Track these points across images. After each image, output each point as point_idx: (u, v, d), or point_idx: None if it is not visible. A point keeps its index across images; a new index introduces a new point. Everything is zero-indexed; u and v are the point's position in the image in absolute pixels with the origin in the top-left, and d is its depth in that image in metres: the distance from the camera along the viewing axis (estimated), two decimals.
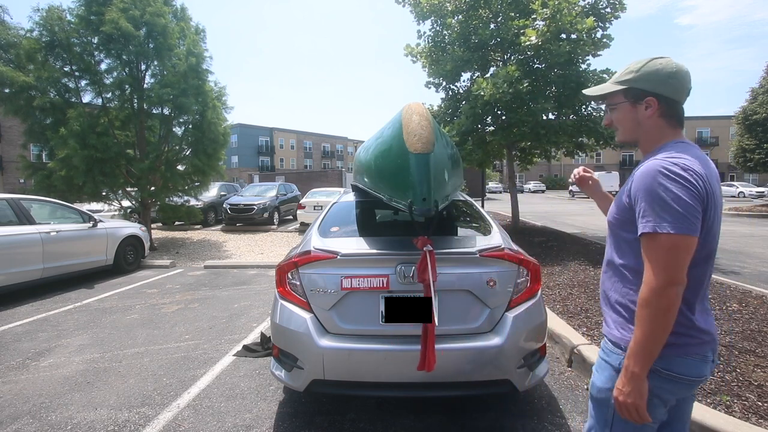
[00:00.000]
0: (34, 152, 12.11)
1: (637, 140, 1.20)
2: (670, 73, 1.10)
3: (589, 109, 7.76)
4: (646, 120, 1.14)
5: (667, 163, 1.01)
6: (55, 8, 7.65)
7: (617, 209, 1.17)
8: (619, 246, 1.18)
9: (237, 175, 42.61)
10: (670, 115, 1.13)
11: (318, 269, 2.21)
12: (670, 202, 0.96)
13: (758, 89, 18.44)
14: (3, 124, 25.08)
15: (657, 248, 0.98)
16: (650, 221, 0.98)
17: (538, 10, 6.74)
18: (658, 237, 0.97)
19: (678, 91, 1.11)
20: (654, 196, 0.99)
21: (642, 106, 1.13)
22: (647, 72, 1.12)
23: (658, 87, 1.11)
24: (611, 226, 1.22)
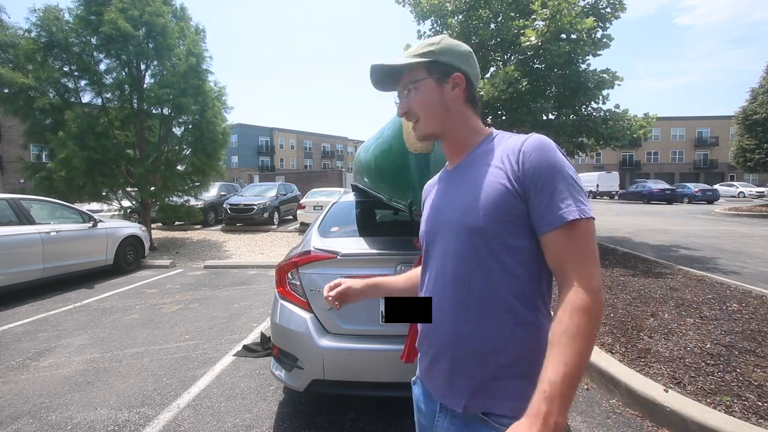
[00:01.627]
0: (33, 152, 12.11)
1: (445, 131, 0.93)
2: (469, 51, 0.93)
3: (589, 110, 7.76)
4: (453, 104, 0.90)
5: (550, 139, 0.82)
6: (51, 8, 7.64)
7: (492, 204, 0.80)
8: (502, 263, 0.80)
9: (237, 175, 42.59)
10: (473, 102, 0.93)
11: (318, 269, 2.21)
12: (578, 180, 0.79)
13: (758, 89, 18.42)
14: (3, 124, 25.07)
15: (584, 237, 0.75)
16: (571, 205, 0.75)
17: (538, 10, 6.74)
18: (582, 223, 0.74)
19: (476, 73, 0.94)
20: (564, 173, 0.77)
21: (449, 84, 0.90)
22: (449, 46, 0.91)
23: (463, 63, 0.91)
24: (479, 235, 0.81)
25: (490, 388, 0.82)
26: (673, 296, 4.29)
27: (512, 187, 0.79)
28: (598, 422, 2.34)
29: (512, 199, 0.79)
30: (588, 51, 7.02)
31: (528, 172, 0.78)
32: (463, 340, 0.84)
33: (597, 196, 30.00)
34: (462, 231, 0.84)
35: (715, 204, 23.23)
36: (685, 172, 47.79)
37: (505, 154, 0.83)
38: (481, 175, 0.84)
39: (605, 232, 10.45)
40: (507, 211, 0.79)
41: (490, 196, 0.81)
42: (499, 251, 0.80)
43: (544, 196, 0.77)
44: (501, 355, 0.81)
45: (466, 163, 0.91)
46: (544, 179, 0.77)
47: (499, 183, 0.80)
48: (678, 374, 2.63)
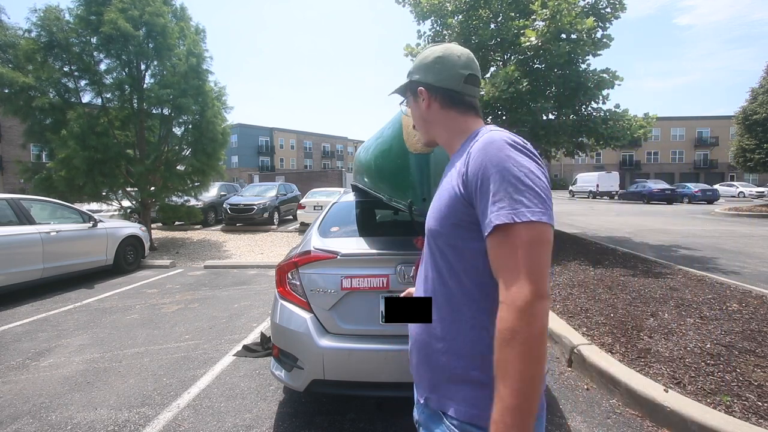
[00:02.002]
0: (33, 152, 12.11)
1: (434, 137, 0.99)
2: (437, 57, 0.94)
3: (589, 110, 7.77)
4: (429, 114, 0.97)
5: (507, 134, 0.78)
6: (52, 8, 7.64)
7: (446, 208, 0.81)
8: (453, 268, 0.81)
9: (237, 175, 42.59)
10: (454, 104, 0.93)
11: (318, 269, 2.21)
12: (525, 179, 0.70)
13: (758, 89, 18.42)
14: (3, 124, 25.06)
15: (515, 245, 0.68)
16: (504, 208, 0.69)
17: (538, 10, 6.74)
18: (515, 229, 0.68)
19: (447, 77, 0.92)
20: (504, 172, 0.71)
21: (420, 98, 0.97)
22: (418, 61, 0.98)
23: (426, 75, 0.95)
24: (435, 238, 0.85)
25: (442, 388, 0.83)
26: (673, 296, 4.29)
27: (460, 192, 0.79)
28: (598, 422, 2.34)
29: (461, 205, 0.79)
30: (588, 51, 7.03)
31: (470, 175, 0.76)
32: (423, 336, 0.90)
33: (597, 196, 29.99)
34: (428, 233, 0.90)
35: (715, 204, 23.23)
36: (685, 172, 47.79)
37: (462, 157, 0.82)
38: (446, 179, 0.88)
39: (605, 232, 10.45)
40: (458, 216, 0.80)
41: (445, 200, 0.83)
42: (452, 255, 0.82)
43: (483, 200, 0.73)
44: (452, 356, 0.82)
45: (452, 161, 0.94)
46: (482, 180, 0.73)
47: (453, 188, 0.81)
48: (678, 374, 2.63)
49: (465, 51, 0.96)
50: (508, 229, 0.69)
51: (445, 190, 0.85)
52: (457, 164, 0.84)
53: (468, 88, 0.94)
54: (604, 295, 4.37)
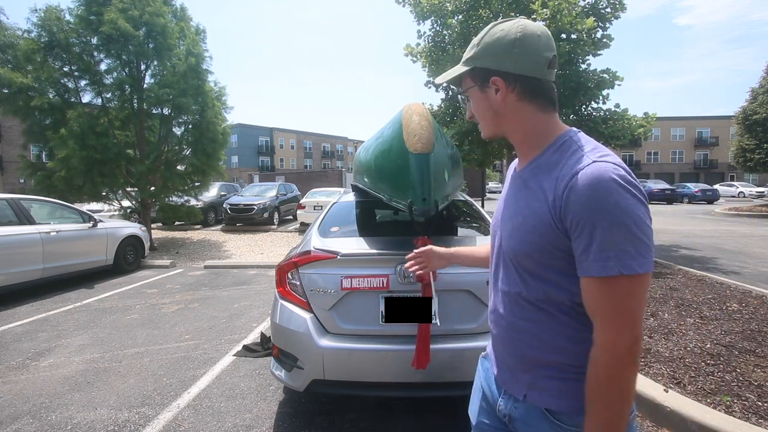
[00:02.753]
0: (33, 152, 12.11)
1: (503, 133, 0.90)
2: (514, 40, 0.80)
3: (589, 109, 7.77)
4: (502, 107, 0.84)
5: (614, 168, 0.71)
6: (53, 8, 7.65)
7: (535, 234, 0.79)
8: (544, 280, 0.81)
9: (237, 175, 42.58)
10: (533, 96, 0.83)
11: (318, 269, 2.21)
12: (635, 228, 0.68)
13: (758, 89, 18.44)
14: (3, 124, 25.08)
15: (618, 294, 0.68)
16: (611, 258, 0.68)
17: (538, 10, 6.74)
18: (621, 280, 0.68)
19: (529, 63, 0.81)
20: (614, 220, 0.68)
21: (491, 89, 0.84)
22: (487, 43, 0.83)
23: (501, 62, 0.82)
24: (521, 260, 0.84)
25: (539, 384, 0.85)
26: (673, 296, 4.29)
27: (554, 224, 0.76)
28: None
29: (556, 235, 0.76)
30: (588, 51, 7.03)
31: (571, 211, 0.72)
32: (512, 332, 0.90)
33: None
34: (510, 252, 0.86)
35: (715, 204, 23.24)
36: (685, 172, 47.79)
37: (557, 181, 0.76)
38: (534, 199, 0.81)
39: None
40: (548, 242, 0.77)
41: (537, 227, 0.78)
42: (541, 272, 0.80)
43: (584, 241, 0.70)
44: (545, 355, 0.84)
45: (530, 171, 0.85)
46: (587, 222, 0.70)
47: (546, 216, 0.77)
48: (678, 374, 2.63)
49: (543, 28, 0.84)
50: (614, 280, 0.68)
51: (535, 214, 0.79)
52: (547, 187, 0.78)
53: (550, 73, 0.84)
54: None
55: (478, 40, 0.86)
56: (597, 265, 0.69)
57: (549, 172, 0.79)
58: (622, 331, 0.68)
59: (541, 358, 0.83)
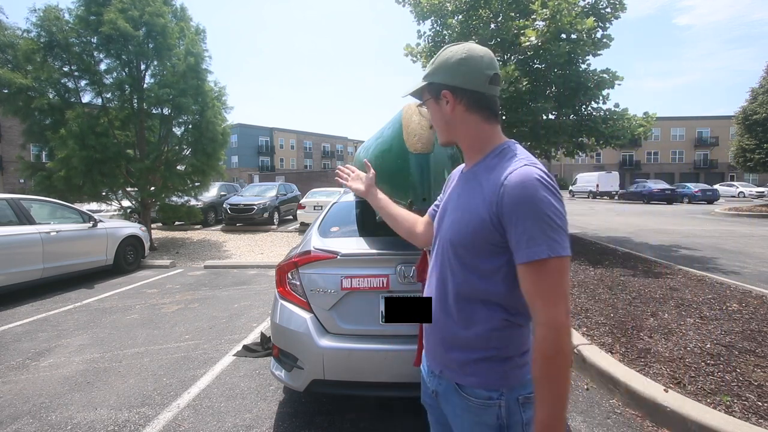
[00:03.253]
0: (33, 152, 12.11)
1: (455, 140, 1.03)
2: (461, 59, 0.94)
3: (589, 109, 7.77)
4: (452, 118, 0.98)
5: (539, 171, 0.84)
6: (52, 8, 7.64)
7: (474, 231, 0.89)
8: (468, 278, 0.93)
9: (237, 175, 42.57)
10: (479, 108, 0.96)
11: (318, 269, 2.21)
12: (557, 219, 0.81)
13: (758, 89, 18.42)
14: (3, 124, 25.08)
15: (550, 274, 0.80)
16: (541, 244, 0.79)
17: (538, 10, 6.74)
18: (550, 262, 0.79)
19: (472, 79, 0.94)
20: (540, 213, 0.80)
21: (443, 101, 0.98)
22: (439, 62, 0.98)
23: (449, 78, 0.96)
24: (456, 253, 0.95)
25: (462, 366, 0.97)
26: (673, 296, 4.29)
27: (490, 220, 0.86)
28: (598, 422, 2.34)
29: (491, 231, 0.87)
30: (588, 51, 7.03)
31: (506, 207, 0.84)
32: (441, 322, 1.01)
33: (597, 196, 29.99)
34: (449, 246, 0.97)
35: (715, 204, 23.23)
36: (685, 172, 47.79)
37: (493, 183, 0.88)
38: (473, 197, 0.93)
39: (605, 232, 10.45)
40: (485, 239, 0.88)
41: (473, 222, 0.90)
42: (470, 268, 0.92)
43: (518, 233, 0.82)
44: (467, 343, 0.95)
45: (473, 173, 0.97)
46: (519, 217, 0.82)
47: (483, 212, 0.88)
48: (678, 374, 2.63)
49: (486, 50, 0.96)
50: (544, 262, 0.80)
51: (472, 211, 0.91)
52: (486, 187, 0.89)
53: (492, 88, 0.96)
54: (604, 295, 4.37)
55: (433, 60, 1.00)
56: (530, 251, 0.80)
57: (488, 174, 0.91)
58: (558, 306, 0.79)
59: (456, 340, 0.95)
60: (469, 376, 0.93)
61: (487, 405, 0.90)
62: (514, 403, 0.90)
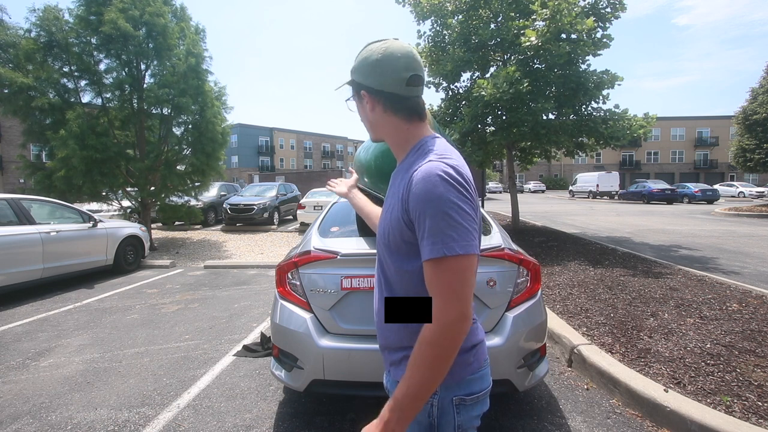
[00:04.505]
0: (33, 152, 12.11)
1: (380, 138, 1.01)
2: (376, 60, 0.91)
3: (589, 109, 7.77)
4: (373, 117, 0.96)
5: (443, 166, 0.81)
6: (51, 8, 7.64)
7: (394, 227, 0.89)
8: (394, 277, 0.93)
9: (237, 175, 42.58)
10: (396, 109, 0.93)
11: (318, 269, 2.21)
12: (456, 215, 0.78)
13: (758, 89, 18.41)
14: (3, 124, 25.07)
15: (446, 273, 0.78)
16: (437, 243, 0.78)
17: (538, 10, 6.74)
18: (446, 260, 0.78)
19: (388, 81, 0.90)
20: (437, 209, 0.78)
21: (363, 100, 0.96)
22: (359, 61, 0.95)
23: (366, 78, 0.93)
24: (383, 250, 0.95)
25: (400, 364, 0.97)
26: (673, 296, 4.29)
27: (402, 218, 0.86)
28: (598, 422, 2.34)
29: (405, 227, 0.86)
30: (588, 51, 7.03)
31: (411, 205, 0.83)
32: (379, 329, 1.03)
33: (597, 196, 29.99)
34: (378, 241, 0.98)
35: (715, 204, 23.22)
36: (685, 172, 47.81)
37: (406, 179, 0.87)
38: (393, 196, 0.92)
39: (605, 232, 10.45)
40: (403, 236, 0.87)
41: (393, 219, 0.89)
42: (394, 267, 0.92)
43: (421, 230, 0.81)
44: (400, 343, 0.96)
45: (398, 170, 0.97)
46: (420, 213, 0.81)
47: (397, 211, 0.88)
48: (678, 374, 2.63)
49: (406, 49, 0.92)
50: (440, 261, 0.78)
51: (393, 208, 0.91)
52: (401, 185, 0.88)
53: (411, 90, 0.93)
54: (604, 295, 4.37)
55: (356, 56, 0.97)
56: (427, 249, 0.79)
57: (406, 171, 0.89)
58: (449, 306, 0.78)
59: (394, 338, 0.96)
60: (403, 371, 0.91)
61: None
62: (448, 404, 0.88)
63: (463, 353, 0.89)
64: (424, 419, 0.89)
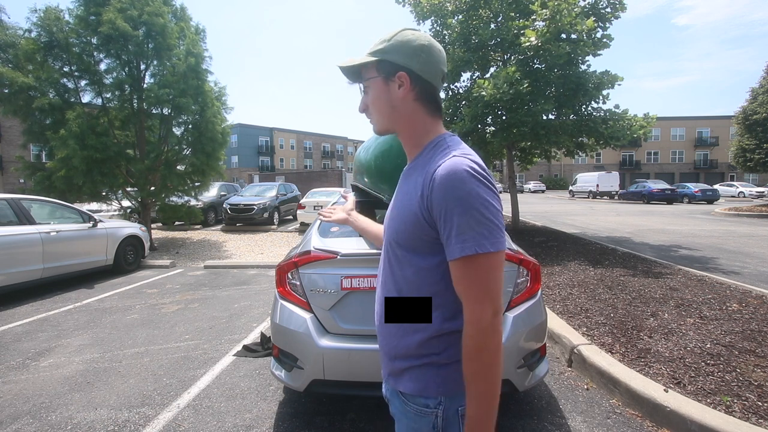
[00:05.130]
0: (33, 152, 12.11)
1: (395, 128, 0.95)
2: (422, 45, 0.88)
3: (589, 109, 7.77)
4: (399, 102, 0.91)
5: (469, 162, 0.79)
6: (52, 9, 7.65)
7: (409, 226, 0.86)
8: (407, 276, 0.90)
9: (237, 175, 42.58)
10: (427, 100, 0.91)
11: (318, 269, 2.21)
12: (486, 212, 0.77)
13: (758, 89, 18.42)
14: (3, 124, 25.08)
15: (478, 271, 0.77)
16: (468, 240, 0.76)
17: (538, 10, 6.74)
18: (478, 258, 0.76)
19: (430, 69, 0.89)
20: (468, 206, 0.76)
21: (395, 83, 0.89)
22: (398, 42, 0.89)
23: (409, 61, 0.88)
24: (395, 249, 0.92)
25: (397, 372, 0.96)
26: (673, 296, 4.29)
27: (423, 216, 0.83)
28: (598, 422, 2.34)
29: (423, 226, 0.84)
30: (588, 51, 7.03)
31: (435, 203, 0.80)
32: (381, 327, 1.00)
33: (597, 196, 29.99)
34: (387, 240, 0.96)
35: (715, 204, 23.22)
36: (685, 172, 47.81)
37: (425, 176, 0.84)
38: (409, 193, 0.89)
39: (605, 232, 10.45)
40: (420, 235, 0.85)
41: (408, 218, 0.86)
42: (408, 266, 0.89)
43: (447, 228, 0.79)
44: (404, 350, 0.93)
45: (413, 167, 0.93)
46: (447, 211, 0.78)
47: (415, 207, 0.85)
48: (678, 374, 2.63)
49: (440, 46, 0.93)
50: (472, 258, 0.77)
51: (407, 206, 0.87)
52: (419, 181, 0.85)
53: (441, 85, 0.94)
54: (604, 295, 4.37)
55: (389, 37, 0.90)
56: (458, 247, 0.77)
57: (423, 168, 0.87)
58: (483, 305, 0.77)
59: (394, 347, 0.93)
60: (408, 382, 0.90)
61: (424, 413, 0.87)
62: (453, 414, 0.86)
63: None
64: (429, 430, 0.87)
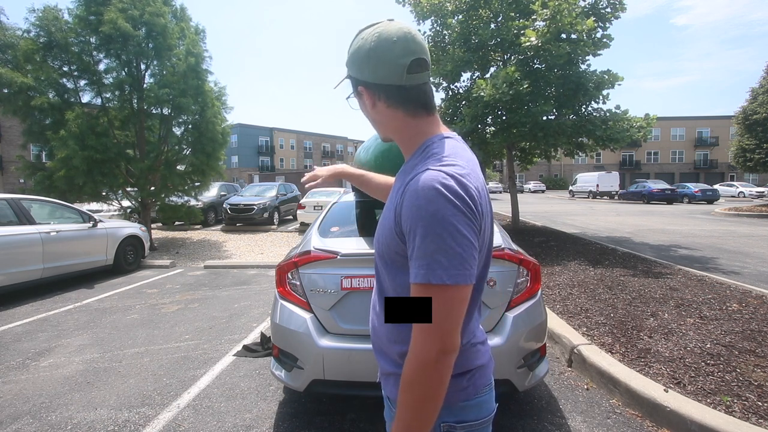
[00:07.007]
0: (33, 152, 12.11)
1: (388, 136, 0.90)
2: (369, 49, 0.78)
3: (589, 110, 7.77)
4: (376, 115, 0.85)
5: (442, 176, 0.69)
6: (50, 9, 7.64)
7: (388, 238, 0.80)
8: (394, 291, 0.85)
9: (237, 175, 42.59)
10: (400, 102, 0.80)
11: (318, 269, 2.21)
12: (449, 239, 0.66)
13: (758, 89, 18.42)
14: (3, 124, 25.08)
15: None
16: (422, 267, 0.67)
17: (538, 10, 6.74)
18: (430, 289, 0.67)
19: (385, 71, 0.78)
20: (428, 229, 0.67)
21: (362, 97, 0.84)
22: (352, 52, 0.82)
23: (362, 72, 0.81)
24: (380, 260, 0.86)
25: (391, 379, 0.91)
26: (673, 296, 4.29)
27: (395, 228, 0.77)
28: (598, 422, 2.34)
29: (398, 238, 0.77)
30: (588, 51, 7.03)
31: (403, 217, 0.73)
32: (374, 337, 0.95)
33: (597, 196, 29.99)
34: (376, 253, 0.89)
35: (715, 204, 23.23)
36: (685, 172, 47.81)
37: (402, 187, 0.76)
38: (391, 200, 0.82)
39: (605, 232, 10.45)
40: (396, 247, 0.78)
41: (387, 229, 0.80)
42: (389, 278, 0.84)
43: (410, 248, 0.71)
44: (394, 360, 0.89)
45: (401, 172, 0.87)
46: (411, 228, 0.70)
47: (391, 220, 0.78)
48: (678, 374, 2.63)
49: (402, 31, 0.78)
50: (424, 287, 0.68)
51: (387, 217, 0.80)
52: (399, 191, 0.77)
53: (412, 77, 0.79)
54: (604, 295, 4.37)
55: (349, 46, 0.85)
56: (413, 272, 0.69)
57: (406, 176, 0.78)
58: (428, 341, 0.68)
59: (385, 350, 0.88)
60: (393, 387, 0.85)
61: None
62: (435, 429, 0.79)
63: (455, 377, 0.78)
64: None
